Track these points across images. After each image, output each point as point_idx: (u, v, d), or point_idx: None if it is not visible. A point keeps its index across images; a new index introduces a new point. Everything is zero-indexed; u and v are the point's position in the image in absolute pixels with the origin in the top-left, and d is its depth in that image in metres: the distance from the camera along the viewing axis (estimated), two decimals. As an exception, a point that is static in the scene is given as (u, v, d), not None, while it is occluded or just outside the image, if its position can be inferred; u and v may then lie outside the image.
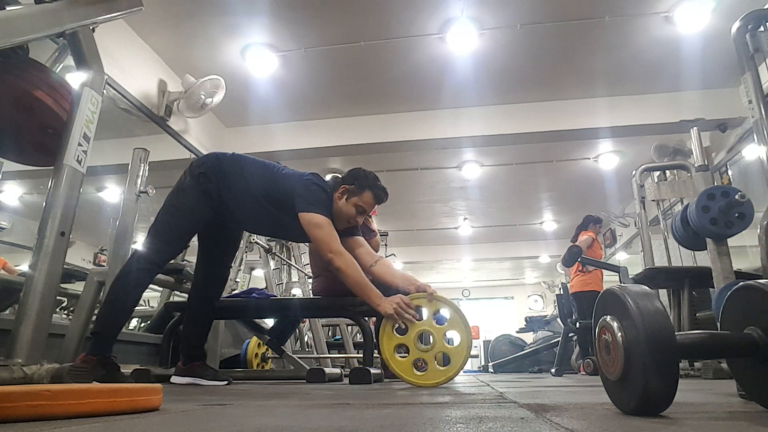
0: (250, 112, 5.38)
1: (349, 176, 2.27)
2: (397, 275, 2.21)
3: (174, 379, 2.17)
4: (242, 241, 3.72)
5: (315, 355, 4.06)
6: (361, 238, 2.28)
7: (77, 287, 2.51)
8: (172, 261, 2.37)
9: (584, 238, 5.23)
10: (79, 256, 4.93)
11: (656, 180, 4.10)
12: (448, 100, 5.21)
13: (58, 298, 2.46)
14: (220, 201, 2.13)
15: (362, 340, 3.22)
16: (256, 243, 4.09)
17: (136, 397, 0.90)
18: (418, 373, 2.00)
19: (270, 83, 4.85)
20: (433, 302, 2.01)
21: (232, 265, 2.64)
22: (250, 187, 2.14)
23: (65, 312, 3.56)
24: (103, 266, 2.61)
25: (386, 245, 7.84)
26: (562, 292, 5.27)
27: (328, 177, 2.44)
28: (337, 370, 2.99)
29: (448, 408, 1.00)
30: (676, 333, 0.77)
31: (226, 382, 2.13)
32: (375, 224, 3.18)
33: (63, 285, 2.43)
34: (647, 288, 0.83)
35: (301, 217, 2.07)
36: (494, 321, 14.07)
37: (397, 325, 2.00)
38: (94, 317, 2.32)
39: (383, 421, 0.78)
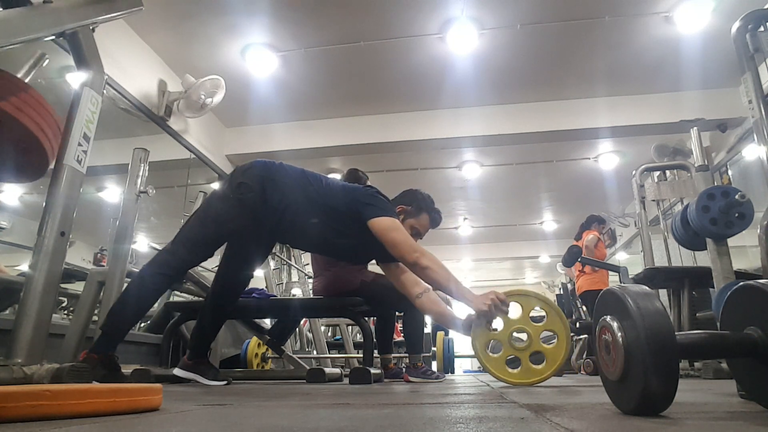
0: (250, 112, 5.39)
1: (406, 197, 2.22)
2: (447, 311, 2.11)
3: (176, 371, 2.18)
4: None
5: (315, 355, 4.06)
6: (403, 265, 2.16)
7: (77, 287, 2.51)
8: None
9: (590, 237, 5.22)
10: (79, 256, 4.92)
11: (656, 180, 4.09)
12: (448, 100, 5.21)
13: (58, 298, 2.46)
14: (260, 211, 1.99)
15: (362, 340, 3.22)
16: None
17: (136, 397, 0.90)
18: (512, 371, 1.94)
19: (270, 83, 4.85)
20: (530, 300, 1.97)
21: None
22: (304, 198, 2.01)
23: (65, 312, 3.55)
24: (103, 266, 2.61)
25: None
26: (562, 292, 5.26)
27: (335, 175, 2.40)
28: (337, 370, 2.99)
29: (448, 408, 1.00)
30: (676, 333, 0.77)
31: (225, 383, 2.13)
32: None
33: (63, 285, 2.42)
34: (647, 288, 0.83)
35: (377, 222, 1.95)
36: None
37: (491, 325, 1.93)
38: (94, 317, 2.31)
39: (383, 421, 0.78)
